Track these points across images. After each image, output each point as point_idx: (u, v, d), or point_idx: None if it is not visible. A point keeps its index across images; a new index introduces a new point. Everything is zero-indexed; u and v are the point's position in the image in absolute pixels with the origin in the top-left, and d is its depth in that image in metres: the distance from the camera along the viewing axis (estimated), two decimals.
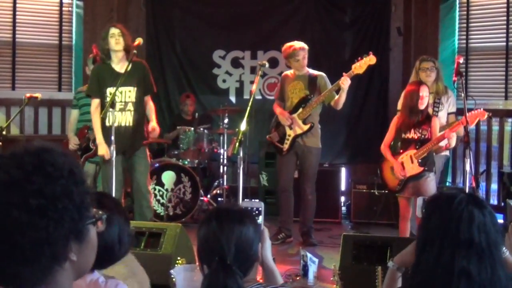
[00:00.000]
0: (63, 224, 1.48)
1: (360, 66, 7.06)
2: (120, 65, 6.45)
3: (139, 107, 6.50)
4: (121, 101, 6.45)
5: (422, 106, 6.49)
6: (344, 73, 7.06)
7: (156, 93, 7.08)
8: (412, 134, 6.54)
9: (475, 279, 2.21)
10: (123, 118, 6.46)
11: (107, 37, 6.42)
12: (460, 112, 7.16)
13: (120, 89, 6.38)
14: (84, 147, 7.01)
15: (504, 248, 2.79)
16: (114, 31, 6.43)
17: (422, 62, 7.24)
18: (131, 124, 6.47)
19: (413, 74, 7.34)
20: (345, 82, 7.01)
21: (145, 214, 6.50)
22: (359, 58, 7.09)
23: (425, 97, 6.49)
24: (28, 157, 1.50)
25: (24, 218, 1.44)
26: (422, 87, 6.49)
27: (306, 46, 7.43)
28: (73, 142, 7.16)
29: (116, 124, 6.33)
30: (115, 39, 6.39)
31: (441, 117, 7.13)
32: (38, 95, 7.38)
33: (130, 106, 6.47)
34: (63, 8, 9.91)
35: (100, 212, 1.63)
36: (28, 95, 7.33)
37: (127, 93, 6.45)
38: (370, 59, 7.06)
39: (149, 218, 6.49)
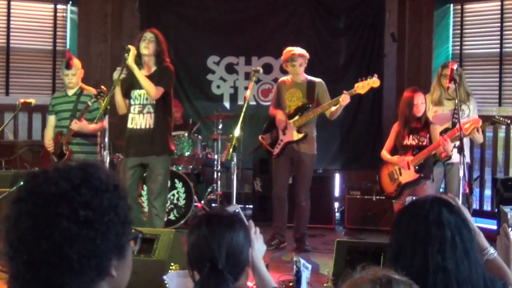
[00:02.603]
0: (108, 237, 1.51)
1: (363, 86, 7.04)
2: (146, 69, 6.47)
3: (159, 108, 6.48)
4: (139, 104, 6.49)
5: (418, 114, 6.49)
6: (344, 91, 7.05)
7: None
8: (410, 141, 6.55)
9: (451, 273, 2.20)
10: (143, 120, 6.49)
11: (140, 40, 6.47)
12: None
13: (139, 91, 6.46)
14: (59, 153, 6.83)
15: (492, 249, 2.79)
16: (146, 35, 6.48)
17: (445, 68, 7.10)
18: (151, 126, 6.47)
19: (435, 80, 7.29)
20: (345, 100, 7.01)
21: (153, 222, 6.49)
22: (363, 78, 7.08)
23: (421, 104, 6.49)
24: (74, 171, 1.53)
25: (72, 230, 1.46)
26: (417, 94, 6.50)
27: (307, 55, 7.42)
28: (49, 144, 6.85)
29: (135, 126, 6.49)
30: (145, 44, 6.43)
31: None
32: (32, 100, 7.36)
33: (150, 108, 6.47)
34: (58, 14, 9.91)
35: (134, 231, 1.66)
36: (22, 100, 7.31)
37: (145, 95, 6.46)
38: (374, 82, 7.03)
39: (158, 226, 6.42)
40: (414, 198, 2.61)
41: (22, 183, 1.55)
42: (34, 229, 1.46)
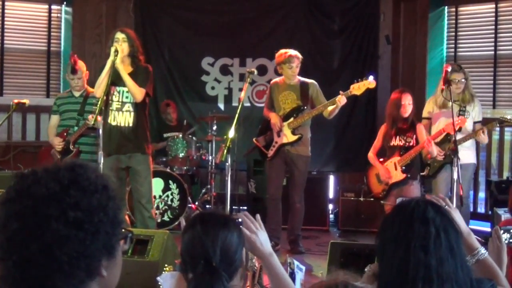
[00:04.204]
0: (98, 238, 1.51)
1: (359, 87, 7.04)
2: (122, 67, 6.38)
3: (139, 108, 6.46)
4: (118, 101, 6.44)
5: (405, 114, 6.55)
6: (341, 92, 7.06)
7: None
8: (397, 142, 6.60)
9: (434, 269, 2.18)
10: (122, 118, 6.44)
11: (112, 42, 6.40)
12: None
13: (119, 88, 6.42)
14: (64, 150, 6.96)
15: (483, 249, 2.79)
16: (118, 36, 6.41)
17: (453, 73, 6.96)
18: (130, 124, 6.43)
19: (440, 80, 7.18)
20: (341, 101, 7.02)
21: (147, 225, 6.46)
22: (359, 79, 7.09)
23: (408, 105, 6.54)
24: (63, 171, 1.53)
25: (62, 231, 1.46)
26: (404, 95, 6.55)
27: (300, 56, 7.43)
28: (57, 142, 6.97)
29: (115, 123, 6.43)
30: (118, 46, 6.36)
31: (467, 126, 7.00)
32: (26, 101, 7.37)
33: (129, 107, 6.44)
34: (52, 14, 9.89)
35: (124, 231, 1.65)
36: (16, 101, 7.32)
37: (125, 93, 6.43)
38: (370, 83, 7.04)
39: (152, 228, 6.41)
40: (404, 199, 2.62)
41: (11, 183, 1.54)
42: (23, 231, 1.46)
